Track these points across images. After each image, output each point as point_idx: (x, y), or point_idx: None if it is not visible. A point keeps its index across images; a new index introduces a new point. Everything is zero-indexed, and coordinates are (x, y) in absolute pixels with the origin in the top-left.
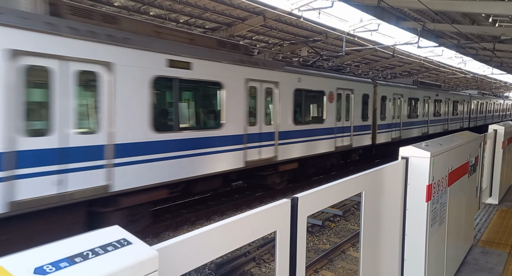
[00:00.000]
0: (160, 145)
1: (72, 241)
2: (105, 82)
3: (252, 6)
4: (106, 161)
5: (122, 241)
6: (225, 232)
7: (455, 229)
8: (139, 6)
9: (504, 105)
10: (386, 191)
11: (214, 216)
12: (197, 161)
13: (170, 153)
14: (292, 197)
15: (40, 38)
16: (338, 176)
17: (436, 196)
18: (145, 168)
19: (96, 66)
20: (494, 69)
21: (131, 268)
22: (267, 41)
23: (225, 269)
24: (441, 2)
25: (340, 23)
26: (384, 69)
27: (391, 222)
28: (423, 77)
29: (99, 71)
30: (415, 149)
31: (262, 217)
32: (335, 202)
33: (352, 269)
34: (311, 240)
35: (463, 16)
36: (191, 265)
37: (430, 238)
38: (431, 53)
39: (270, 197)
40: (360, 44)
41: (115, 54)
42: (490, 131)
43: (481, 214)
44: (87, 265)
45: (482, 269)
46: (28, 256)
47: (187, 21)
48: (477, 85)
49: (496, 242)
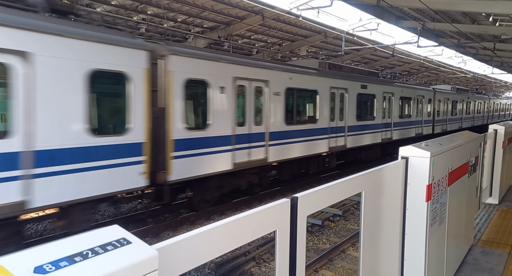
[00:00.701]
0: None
1: (72, 240)
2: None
3: (250, 5)
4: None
5: (122, 240)
6: (225, 231)
7: (455, 229)
8: (137, 5)
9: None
10: (386, 190)
11: (214, 215)
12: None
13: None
14: (292, 197)
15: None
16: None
17: (436, 195)
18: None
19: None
20: (495, 69)
21: (131, 267)
22: (266, 40)
23: (225, 269)
24: (440, 1)
25: (339, 22)
26: (383, 68)
27: (391, 222)
28: (422, 77)
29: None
30: (415, 148)
31: (262, 216)
32: (335, 201)
33: (352, 269)
34: (311, 240)
35: (463, 16)
36: (191, 264)
37: (430, 238)
38: (431, 52)
39: (270, 197)
40: (359, 44)
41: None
42: (490, 131)
43: (481, 214)
44: (87, 265)
45: (482, 269)
46: (28, 255)
47: (185, 20)
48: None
49: (496, 242)
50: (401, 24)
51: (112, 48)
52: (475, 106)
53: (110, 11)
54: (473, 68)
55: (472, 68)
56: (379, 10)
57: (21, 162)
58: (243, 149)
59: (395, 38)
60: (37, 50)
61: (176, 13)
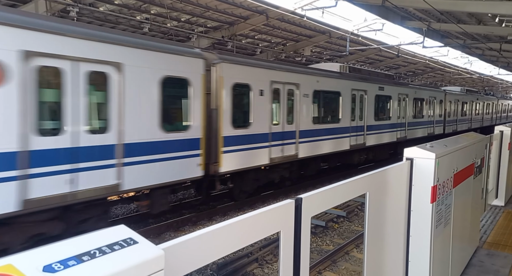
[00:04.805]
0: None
1: (80, 240)
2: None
3: (254, 5)
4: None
5: (129, 240)
6: (230, 232)
7: (460, 231)
8: (140, 5)
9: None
10: (390, 192)
11: (216, 216)
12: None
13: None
14: (296, 198)
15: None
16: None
17: (441, 197)
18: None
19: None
20: (501, 69)
21: (138, 267)
22: (270, 40)
23: (227, 270)
24: (446, 2)
25: (344, 22)
26: (388, 69)
27: (396, 223)
28: (428, 78)
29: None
30: (420, 150)
31: (266, 217)
32: (340, 202)
33: (355, 271)
34: (314, 241)
35: (469, 16)
36: (196, 264)
37: (435, 240)
38: (436, 53)
39: (273, 198)
40: (364, 44)
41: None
42: (496, 133)
43: (487, 216)
44: (94, 264)
45: (488, 271)
46: (37, 255)
47: (188, 20)
48: (483, 86)
49: (502, 244)
50: (406, 25)
51: (178, 58)
52: (484, 108)
53: (113, 10)
54: (479, 69)
55: (478, 69)
56: (384, 10)
57: (115, 152)
58: (277, 145)
59: (400, 38)
60: (126, 61)
61: (179, 13)
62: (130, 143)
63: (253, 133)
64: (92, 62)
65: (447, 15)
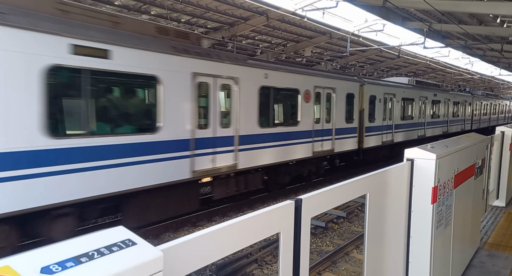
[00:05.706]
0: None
1: (78, 241)
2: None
3: (255, 5)
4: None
5: (127, 241)
6: (229, 233)
7: (461, 232)
8: (140, 5)
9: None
10: (391, 192)
11: (215, 217)
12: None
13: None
14: (296, 199)
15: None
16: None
17: (441, 198)
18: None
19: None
20: (502, 70)
21: (136, 268)
22: (270, 41)
23: (227, 271)
24: (447, 3)
25: (345, 23)
26: (389, 70)
27: (396, 224)
28: (429, 78)
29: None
30: (420, 150)
31: (266, 218)
32: (340, 203)
33: (355, 271)
34: (314, 242)
35: (470, 17)
36: (195, 265)
37: (435, 241)
38: (437, 54)
39: (272, 199)
40: (365, 45)
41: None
42: (497, 133)
43: (488, 217)
44: (92, 265)
45: (489, 272)
46: (34, 256)
47: (188, 21)
48: (484, 86)
49: (503, 245)
50: (407, 25)
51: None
52: (492, 108)
53: (113, 10)
54: (480, 69)
55: (479, 70)
56: (385, 11)
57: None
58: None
59: (401, 39)
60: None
61: (179, 14)
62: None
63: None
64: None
65: (448, 16)
